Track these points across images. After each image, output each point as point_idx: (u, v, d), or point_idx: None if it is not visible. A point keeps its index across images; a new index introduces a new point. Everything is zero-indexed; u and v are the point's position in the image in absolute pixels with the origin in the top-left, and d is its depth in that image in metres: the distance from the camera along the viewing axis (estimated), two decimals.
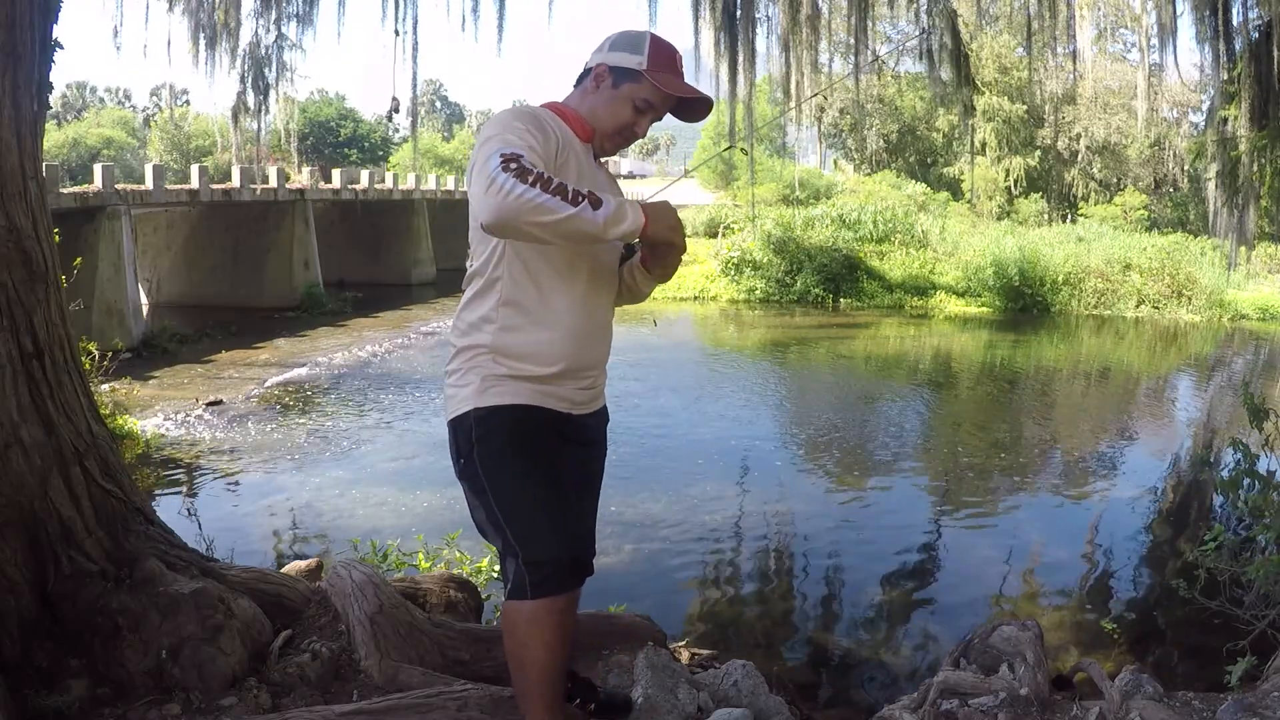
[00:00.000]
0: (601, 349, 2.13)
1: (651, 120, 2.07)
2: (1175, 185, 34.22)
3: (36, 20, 2.50)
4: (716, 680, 2.71)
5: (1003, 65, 32.54)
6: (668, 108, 2.06)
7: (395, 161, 43.77)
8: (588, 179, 1.98)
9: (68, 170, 33.30)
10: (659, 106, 2.04)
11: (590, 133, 2.06)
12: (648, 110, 2.04)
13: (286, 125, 18.22)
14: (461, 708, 2.26)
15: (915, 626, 4.85)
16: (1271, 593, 3.30)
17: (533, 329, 1.97)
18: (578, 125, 2.04)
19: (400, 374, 12.05)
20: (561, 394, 2.03)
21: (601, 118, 2.05)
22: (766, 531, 6.36)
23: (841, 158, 39.71)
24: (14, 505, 2.34)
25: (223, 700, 2.34)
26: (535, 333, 1.97)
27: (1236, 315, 18.90)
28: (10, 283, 2.39)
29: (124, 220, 14.03)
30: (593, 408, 2.15)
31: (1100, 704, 2.39)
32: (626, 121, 2.04)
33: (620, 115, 2.03)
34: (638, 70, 2.00)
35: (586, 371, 2.07)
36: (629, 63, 2.01)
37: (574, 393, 2.05)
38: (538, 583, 1.93)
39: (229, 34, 10.10)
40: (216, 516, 6.37)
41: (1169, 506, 7.41)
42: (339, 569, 2.86)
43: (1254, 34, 7.52)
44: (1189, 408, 11.73)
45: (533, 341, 1.97)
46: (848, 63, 15.86)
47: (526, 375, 1.98)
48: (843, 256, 20.55)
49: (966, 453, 8.53)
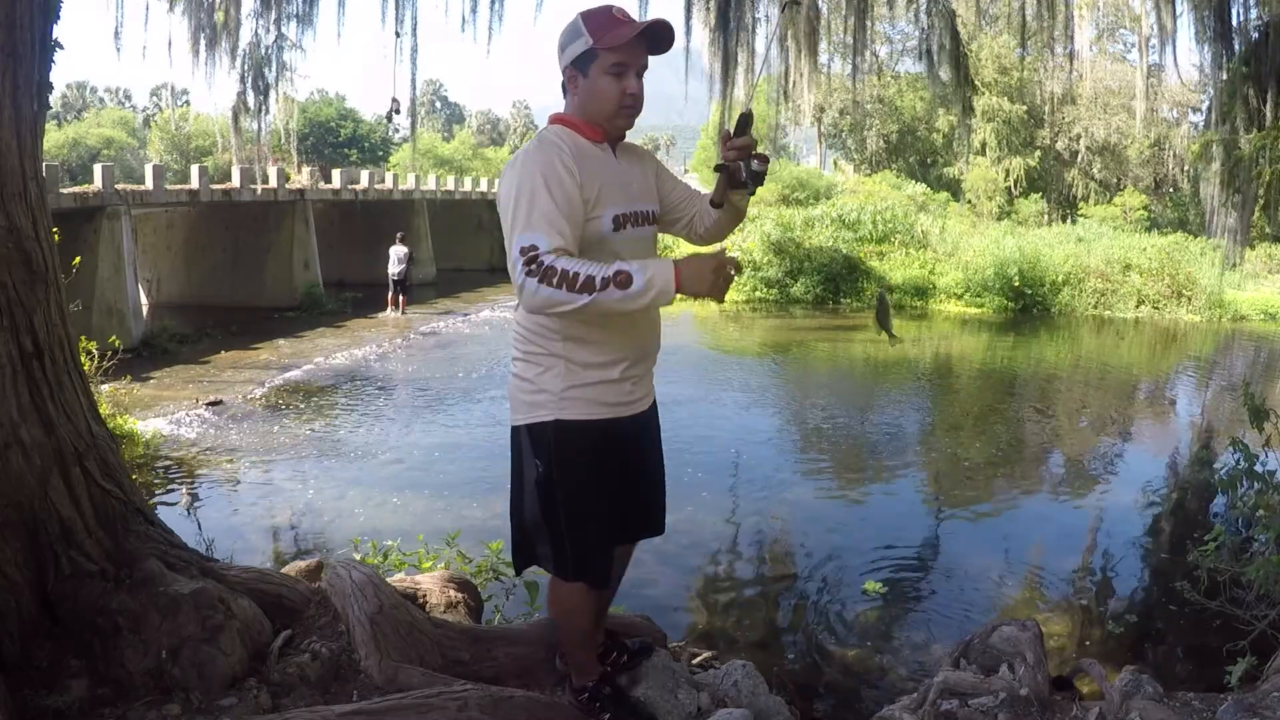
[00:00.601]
0: (656, 337, 2.30)
1: (636, 74, 2.09)
2: (1175, 185, 34.26)
3: (36, 20, 2.50)
4: (716, 680, 2.71)
5: (1002, 65, 32.55)
6: (638, 55, 2.09)
7: (395, 162, 43.77)
8: (613, 185, 2.12)
9: (68, 170, 33.31)
10: (630, 60, 2.07)
11: (599, 131, 2.14)
12: (623, 71, 2.07)
13: (286, 125, 18.22)
14: (461, 708, 2.26)
15: (915, 626, 4.85)
16: (1271, 593, 3.30)
17: (596, 329, 2.13)
18: (586, 130, 2.12)
19: (400, 374, 12.05)
20: (623, 395, 2.20)
21: (596, 107, 2.11)
22: (766, 532, 6.36)
23: (841, 158, 39.71)
24: (14, 505, 2.34)
25: (223, 700, 2.34)
26: (599, 332, 2.13)
27: (1236, 315, 18.90)
28: (10, 283, 2.39)
29: (124, 220, 14.02)
30: (645, 405, 2.31)
31: (1100, 704, 2.39)
32: (614, 94, 2.08)
33: (607, 93, 2.08)
34: (590, 48, 2.06)
35: (645, 363, 2.26)
36: (580, 48, 2.07)
37: (633, 389, 2.23)
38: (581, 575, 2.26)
39: (229, 34, 10.11)
40: (216, 516, 6.38)
41: (1169, 506, 7.40)
42: (339, 569, 2.86)
43: (1254, 34, 7.53)
44: (1189, 408, 11.73)
45: (596, 342, 2.14)
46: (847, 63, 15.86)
47: (597, 381, 2.15)
48: (843, 257, 20.55)
49: (966, 453, 8.52)
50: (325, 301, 18.40)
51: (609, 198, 2.10)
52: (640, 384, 2.26)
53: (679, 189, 2.37)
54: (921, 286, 20.01)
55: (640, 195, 2.22)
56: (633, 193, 2.19)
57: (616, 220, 2.11)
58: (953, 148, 33.34)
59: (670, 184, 2.36)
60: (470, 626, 2.92)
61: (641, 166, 2.27)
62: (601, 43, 2.04)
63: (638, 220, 2.19)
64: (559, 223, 1.95)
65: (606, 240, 2.10)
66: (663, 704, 2.51)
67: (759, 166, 2.13)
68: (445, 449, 8.13)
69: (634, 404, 2.24)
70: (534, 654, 2.71)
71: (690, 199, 2.37)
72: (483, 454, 7.89)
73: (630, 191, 2.18)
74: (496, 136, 74.18)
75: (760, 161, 2.13)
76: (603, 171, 2.11)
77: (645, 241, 2.23)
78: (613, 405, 2.18)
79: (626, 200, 2.16)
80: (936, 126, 34.31)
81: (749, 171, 2.13)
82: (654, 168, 2.34)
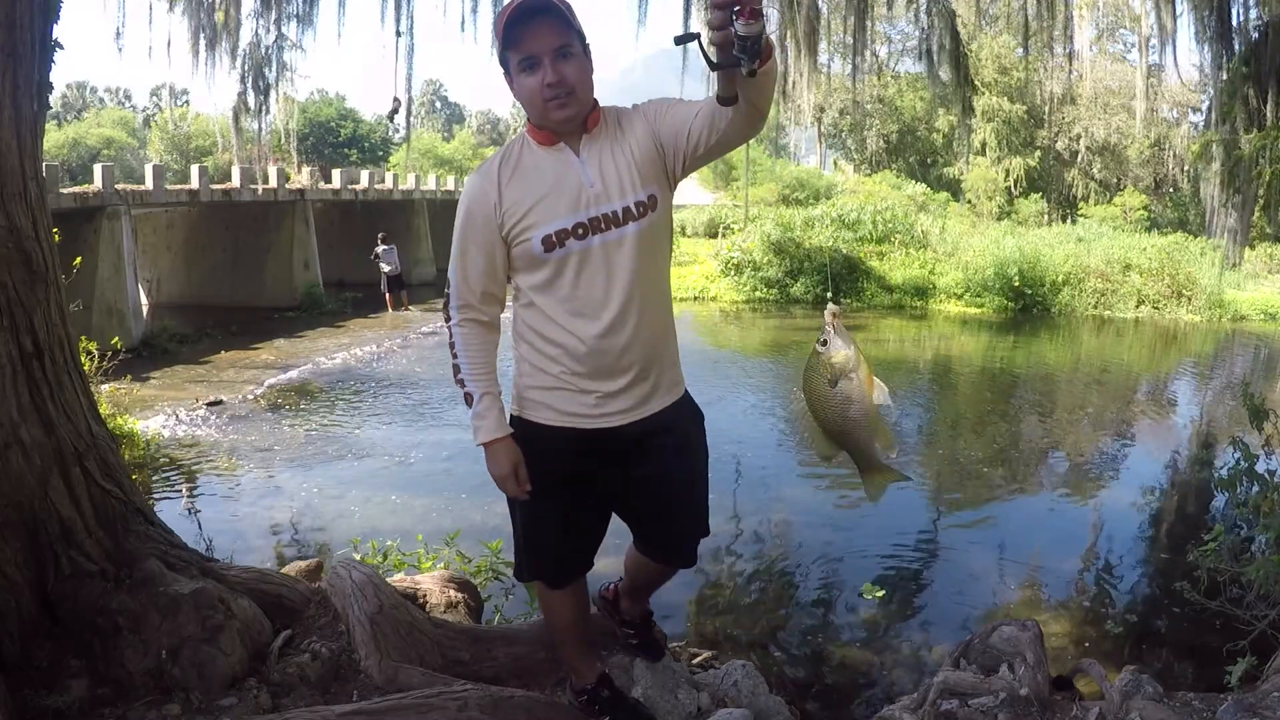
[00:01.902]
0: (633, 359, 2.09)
1: (551, 62, 1.93)
2: (1175, 185, 34.27)
3: (36, 20, 2.50)
4: (716, 680, 2.71)
5: (1002, 66, 32.55)
6: (543, 41, 1.93)
7: (395, 162, 43.76)
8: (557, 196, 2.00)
9: (68, 170, 33.28)
10: (535, 49, 1.94)
11: (548, 134, 2.04)
12: (533, 66, 1.95)
13: (286, 125, 18.24)
14: (461, 708, 2.26)
15: (915, 627, 4.84)
16: (1271, 593, 3.30)
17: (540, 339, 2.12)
18: (537, 135, 2.06)
19: (400, 374, 12.05)
20: (587, 406, 2.12)
21: (529, 109, 2.03)
22: (765, 532, 6.36)
23: (841, 158, 39.71)
24: (14, 505, 2.34)
25: (223, 700, 2.34)
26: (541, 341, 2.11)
27: (1236, 315, 18.89)
28: (10, 283, 2.39)
29: (124, 220, 14.02)
30: (624, 420, 2.13)
31: (1100, 704, 2.39)
32: (534, 90, 1.96)
33: (527, 89, 1.98)
34: (502, 54, 2.01)
35: (610, 381, 2.09)
36: (501, 62, 2.04)
37: (601, 403, 2.11)
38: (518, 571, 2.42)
39: (229, 34, 10.11)
40: (216, 516, 6.37)
41: (1169, 506, 7.40)
42: (339, 569, 2.86)
43: (1254, 34, 7.53)
44: (1189, 408, 11.73)
45: (540, 350, 2.12)
46: (847, 63, 15.86)
47: (552, 386, 2.12)
48: (843, 257, 20.55)
49: (966, 453, 8.52)
50: (325, 301, 18.40)
51: (546, 213, 1.99)
52: (613, 400, 2.10)
53: (675, 113, 2.02)
54: (921, 286, 20.00)
55: (605, 195, 2.00)
56: (591, 195, 2.00)
57: (547, 240, 2.00)
58: (953, 148, 33.35)
59: (667, 118, 2.03)
60: (470, 626, 2.92)
61: (621, 146, 2.03)
62: (503, 43, 1.98)
63: (595, 227, 2.00)
64: (472, 274, 2.08)
65: (539, 260, 2.02)
66: (663, 704, 2.51)
67: (745, 28, 1.55)
68: (445, 449, 8.13)
69: (606, 418, 2.11)
70: (534, 654, 2.71)
71: (693, 111, 2.00)
72: (482, 454, 7.89)
73: (586, 195, 2.00)
74: (496, 136, 74.13)
75: (747, 20, 1.55)
76: (541, 183, 2.01)
77: (602, 253, 2.01)
78: (572, 415, 2.11)
79: (573, 209, 1.99)
80: (936, 126, 34.31)
81: (737, 38, 1.56)
82: (642, 128, 2.04)
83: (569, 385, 2.10)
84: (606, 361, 2.07)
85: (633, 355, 2.08)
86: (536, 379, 2.13)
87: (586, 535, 2.31)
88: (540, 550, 2.29)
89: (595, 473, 2.20)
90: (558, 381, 2.10)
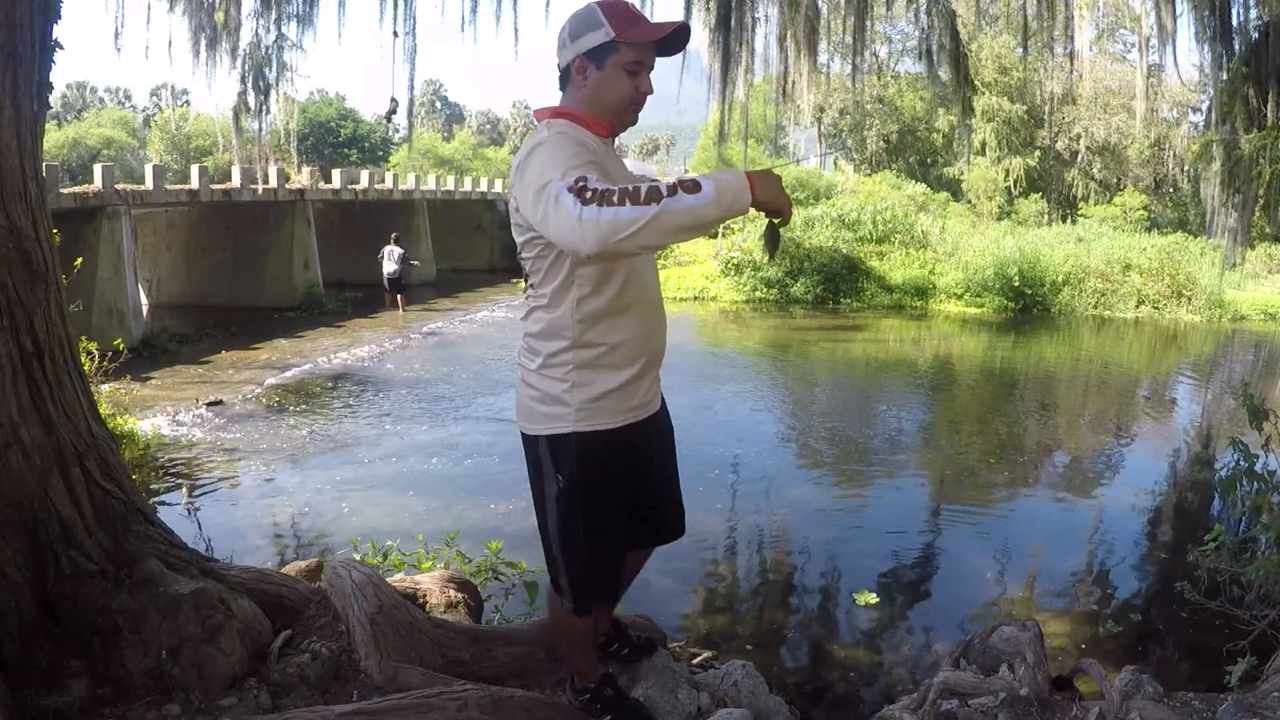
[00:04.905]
0: (664, 333, 2.24)
1: (648, 74, 2.04)
2: (1175, 185, 34.25)
3: (36, 20, 2.50)
4: (716, 680, 2.71)
5: (1002, 66, 32.55)
6: (654, 55, 2.04)
7: (395, 162, 43.75)
8: (624, 177, 2.04)
9: (68, 170, 33.30)
10: (646, 59, 2.02)
11: (607, 125, 2.05)
12: (639, 70, 2.01)
13: (286, 125, 18.18)
14: (461, 708, 2.26)
15: (915, 627, 4.85)
16: (1271, 593, 3.30)
17: (613, 332, 2.07)
18: (593, 124, 2.03)
19: (400, 374, 12.04)
20: (639, 399, 2.16)
21: (605, 102, 2.03)
22: (765, 532, 6.36)
23: (841, 158, 39.69)
24: (14, 505, 2.34)
25: (223, 700, 2.34)
26: (615, 335, 2.07)
27: (1236, 316, 18.90)
28: (10, 283, 2.39)
29: (124, 220, 14.02)
30: (657, 406, 2.28)
31: (1100, 704, 2.39)
32: (628, 91, 2.02)
33: (620, 89, 2.01)
34: (610, 40, 1.97)
35: (658, 364, 2.22)
36: (598, 40, 1.98)
37: (648, 391, 2.19)
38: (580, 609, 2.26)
39: (229, 34, 10.08)
40: (216, 516, 6.38)
41: (1169, 506, 7.40)
42: (339, 569, 2.86)
43: (1254, 34, 7.52)
44: (1189, 408, 11.73)
45: (612, 346, 2.08)
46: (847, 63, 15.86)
47: (615, 388, 2.10)
48: (843, 257, 20.54)
49: (966, 453, 8.53)
50: (325, 301, 18.40)
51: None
52: (654, 385, 2.25)
53: None
54: (921, 286, 20.00)
55: None
56: None
57: None
58: (953, 148, 33.33)
59: None
60: (470, 626, 2.92)
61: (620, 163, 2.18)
62: (626, 37, 1.96)
63: None
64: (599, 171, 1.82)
65: None
66: (663, 704, 2.51)
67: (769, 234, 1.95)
68: (445, 449, 8.13)
69: (648, 406, 2.22)
70: (534, 654, 2.71)
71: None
72: (482, 454, 7.90)
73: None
74: (496, 136, 74.14)
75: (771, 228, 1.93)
76: (613, 168, 2.05)
77: None
78: (631, 410, 2.14)
79: None
80: (936, 126, 34.29)
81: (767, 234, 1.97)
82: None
83: (637, 379, 2.12)
84: (659, 345, 2.20)
85: (665, 341, 2.25)
86: (605, 382, 2.07)
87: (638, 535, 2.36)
88: (611, 563, 2.24)
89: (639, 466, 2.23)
90: (627, 378, 2.09)
